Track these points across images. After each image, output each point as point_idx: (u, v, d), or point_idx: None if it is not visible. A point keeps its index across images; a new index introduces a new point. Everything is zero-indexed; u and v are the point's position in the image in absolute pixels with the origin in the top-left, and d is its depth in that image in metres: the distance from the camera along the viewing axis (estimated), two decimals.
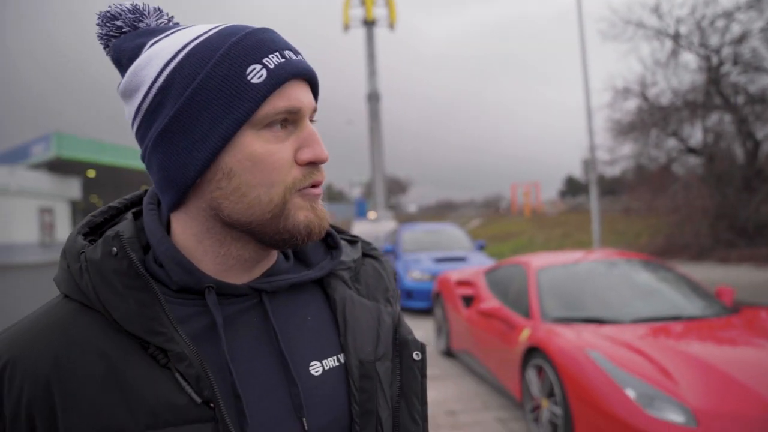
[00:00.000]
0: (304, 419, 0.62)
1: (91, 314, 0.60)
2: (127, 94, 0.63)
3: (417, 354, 0.73)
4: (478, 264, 8.82)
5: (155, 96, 0.60)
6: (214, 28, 0.63)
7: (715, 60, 11.94)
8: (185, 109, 0.59)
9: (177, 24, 0.69)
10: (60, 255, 0.64)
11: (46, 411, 0.55)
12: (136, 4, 0.67)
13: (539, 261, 5.09)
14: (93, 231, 0.67)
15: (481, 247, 10.95)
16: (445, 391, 4.93)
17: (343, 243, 0.78)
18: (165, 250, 0.63)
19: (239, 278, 0.66)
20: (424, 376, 0.73)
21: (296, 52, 0.63)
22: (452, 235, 11.37)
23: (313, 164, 0.62)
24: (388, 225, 17.06)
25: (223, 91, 0.58)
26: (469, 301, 5.69)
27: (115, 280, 0.59)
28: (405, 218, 40.77)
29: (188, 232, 0.65)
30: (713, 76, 11.86)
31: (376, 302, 0.75)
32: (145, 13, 0.67)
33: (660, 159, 13.39)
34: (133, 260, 0.59)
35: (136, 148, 0.66)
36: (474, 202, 53.96)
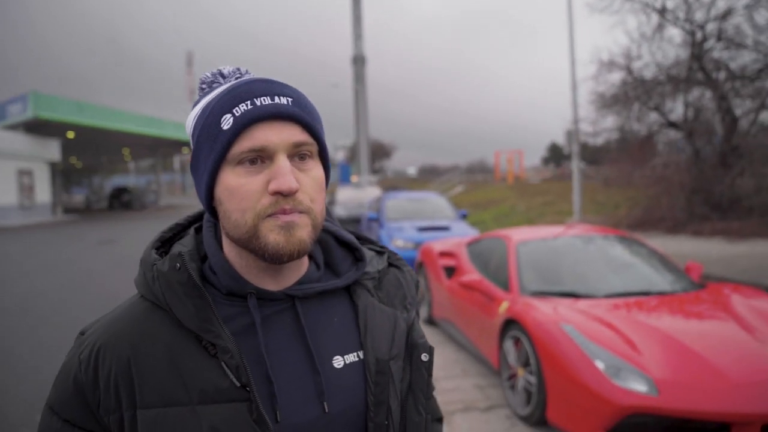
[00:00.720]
0: (325, 403, 0.76)
1: (160, 312, 0.76)
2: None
3: (425, 356, 0.85)
4: (460, 233, 9.01)
5: (191, 141, 0.81)
6: (227, 86, 0.79)
7: (699, 35, 12.04)
8: (194, 152, 0.79)
9: (246, 74, 0.85)
10: (139, 263, 0.81)
11: (128, 384, 0.72)
12: (222, 69, 0.83)
13: (520, 235, 5.27)
14: (164, 244, 0.84)
15: (464, 216, 11.13)
16: None
17: (371, 254, 0.91)
18: (216, 261, 0.80)
19: (276, 285, 0.80)
20: (430, 375, 0.86)
21: (279, 95, 0.75)
22: (435, 203, 11.51)
23: (280, 194, 0.72)
24: (373, 192, 17.14)
25: (207, 138, 0.75)
26: (450, 271, 5.87)
27: (178, 288, 0.75)
28: (390, 184, 40.82)
29: (229, 246, 0.80)
30: (697, 51, 11.98)
31: (394, 308, 0.87)
32: (225, 74, 0.83)
33: (641, 132, 13.59)
34: (191, 275, 0.74)
35: (117, 109, 0.84)
36: (458, 167, 54.02)
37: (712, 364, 3.17)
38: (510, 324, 4.05)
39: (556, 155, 60.80)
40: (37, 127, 25.00)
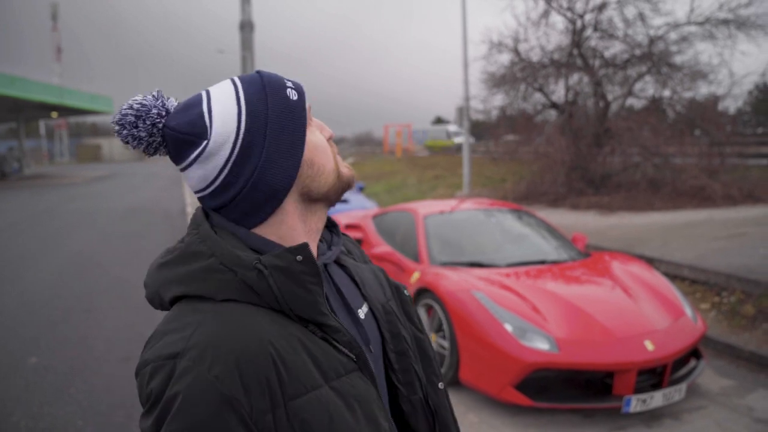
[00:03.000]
0: (370, 346, 0.90)
1: (263, 310, 0.77)
2: (213, 152, 0.81)
3: (405, 291, 1.06)
4: (359, 205, 9.19)
5: (244, 140, 0.80)
6: (229, 81, 0.86)
7: (579, 24, 13.02)
8: (272, 135, 0.82)
9: (170, 98, 0.87)
10: (209, 270, 0.78)
11: (277, 383, 0.72)
12: (141, 100, 0.83)
13: (426, 209, 5.53)
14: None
15: (361, 189, 11.32)
16: None
17: None
18: (270, 244, 0.83)
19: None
20: (414, 303, 1.10)
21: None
22: None
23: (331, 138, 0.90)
24: None
25: (284, 113, 0.82)
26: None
27: (306, 280, 0.78)
28: None
29: (288, 227, 0.85)
30: (576, 38, 12.98)
31: (366, 263, 1.06)
32: (157, 98, 0.84)
33: (527, 111, 14.54)
34: (315, 262, 0.79)
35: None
36: (346, 139, 54.09)
37: (600, 322, 3.63)
38: (422, 293, 4.30)
39: None
40: None
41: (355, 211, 7.84)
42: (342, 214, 7.08)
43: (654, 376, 3.63)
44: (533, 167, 13.73)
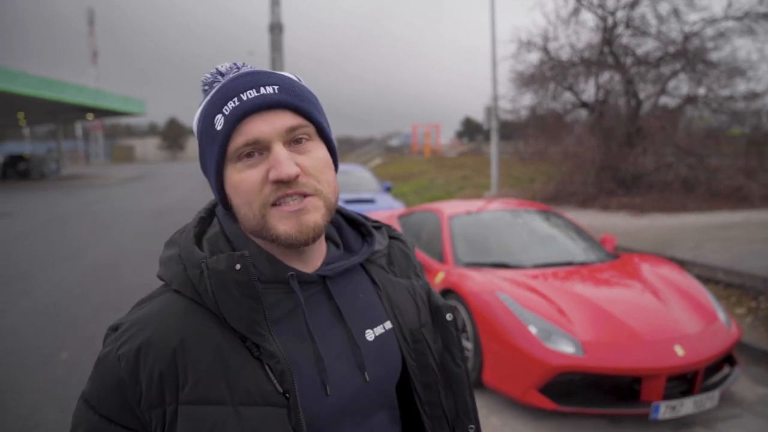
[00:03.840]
0: (365, 372, 0.81)
1: (202, 310, 0.75)
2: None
3: (449, 315, 0.94)
4: (385, 205, 9.18)
5: (199, 142, 0.84)
6: (218, 85, 0.82)
7: (610, 21, 12.79)
8: (200, 154, 0.83)
9: (243, 66, 0.86)
10: (170, 258, 0.80)
11: (173, 379, 0.72)
12: (219, 67, 0.84)
13: (451, 209, 5.48)
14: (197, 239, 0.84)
15: (388, 189, 11.31)
16: None
17: (373, 230, 0.95)
18: (254, 249, 0.80)
19: (306, 268, 0.82)
20: (458, 330, 0.94)
21: (265, 86, 0.76)
22: (360, 176, 11.60)
23: (281, 182, 0.74)
24: None
25: (207, 140, 0.79)
26: None
27: (234, 289, 0.73)
28: None
29: (253, 237, 0.83)
30: (607, 36, 12.74)
31: (409, 279, 0.95)
32: (223, 71, 0.83)
33: (556, 110, 14.34)
34: (251, 276, 0.74)
35: (9, 69, 0.86)
36: (374, 139, 54.20)
37: (628, 326, 3.53)
38: (446, 294, 4.25)
39: (470, 129, 62.43)
40: None
41: (381, 211, 7.83)
42: (369, 215, 7.06)
43: (684, 383, 3.51)
44: (562, 167, 13.52)
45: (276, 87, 0.77)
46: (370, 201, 9.72)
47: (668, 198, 10.85)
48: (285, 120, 0.76)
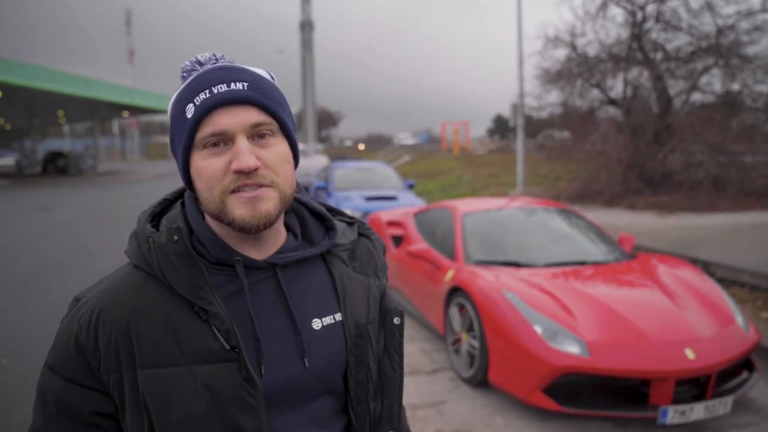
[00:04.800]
0: (305, 359, 0.85)
1: (154, 281, 0.83)
2: None
3: (397, 319, 0.97)
4: (407, 202, 9.18)
5: (170, 123, 0.88)
6: (192, 76, 0.86)
7: (639, 16, 12.47)
8: (170, 138, 0.88)
9: (221, 59, 0.90)
10: (131, 236, 0.87)
11: (127, 346, 0.79)
12: (199, 57, 0.89)
13: (465, 206, 5.45)
14: (155, 218, 0.91)
15: (410, 186, 11.30)
16: None
17: (342, 225, 1.00)
18: (204, 233, 0.86)
19: (258, 255, 0.87)
20: (401, 336, 0.98)
21: (235, 81, 0.81)
22: (383, 173, 11.62)
23: (241, 172, 0.79)
24: (320, 160, 17.06)
25: (177, 125, 0.84)
26: (398, 241, 6.02)
27: (174, 259, 0.81)
28: (336, 152, 40.58)
29: (210, 220, 0.88)
30: (636, 31, 12.43)
31: (367, 277, 0.97)
32: (202, 61, 0.88)
33: (583, 108, 14.07)
34: (188, 246, 0.81)
35: (50, 69, 0.90)
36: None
37: (637, 327, 3.46)
38: (455, 291, 4.24)
39: (501, 127, 61.86)
40: None
41: (402, 208, 7.84)
42: (387, 212, 7.08)
43: (697, 387, 3.42)
44: (589, 165, 13.28)
45: (246, 84, 0.82)
46: (393, 198, 9.73)
47: (698, 197, 10.55)
48: (250, 116, 0.81)
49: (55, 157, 35.98)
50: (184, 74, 0.88)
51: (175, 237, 0.81)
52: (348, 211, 8.54)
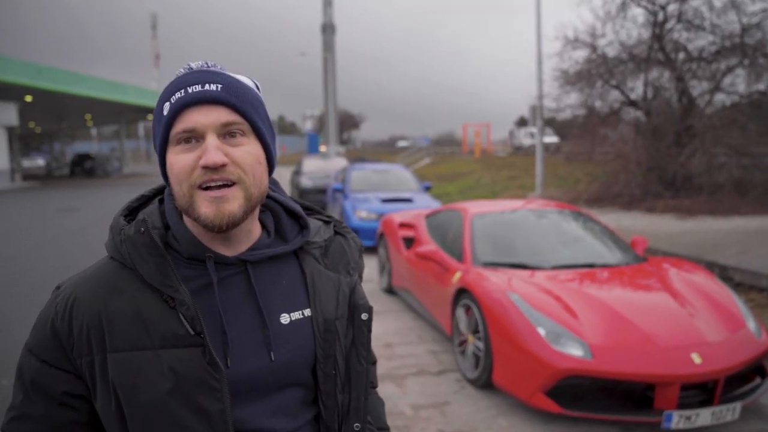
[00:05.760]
0: (271, 353, 0.88)
1: (127, 271, 0.88)
2: None
3: (365, 315, 0.99)
4: (422, 204, 9.19)
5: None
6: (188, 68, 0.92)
7: (661, 16, 12.28)
8: (152, 134, 0.91)
9: (212, 67, 0.94)
10: (109, 229, 0.93)
11: (98, 332, 0.84)
12: (191, 64, 0.93)
13: (476, 208, 5.43)
14: (131, 213, 0.96)
15: (427, 189, 11.29)
16: (385, 326, 5.34)
17: (318, 224, 1.04)
18: (177, 228, 0.90)
19: (230, 251, 0.91)
20: (369, 331, 1.00)
21: (210, 83, 0.85)
22: (399, 175, 11.63)
23: (208, 168, 0.83)
24: (339, 162, 17.13)
25: (156, 122, 0.89)
26: (410, 242, 6.04)
27: (142, 249, 0.87)
28: (358, 154, 40.71)
29: (185, 217, 0.91)
30: (658, 31, 12.24)
31: (338, 273, 1.00)
32: (194, 67, 0.92)
33: (603, 110, 13.89)
34: (153, 237, 0.87)
35: (78, 73, 0.96)
36: (426, 138, 53.99)
37: (643, 330, 3.42)
38: (462, 293, 4.24)
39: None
40: None
41: (416, 210, 7.85)
42: (399, 214, 7.10)
43: (704, 392, 3.37)
44: (608, 168, 13.11)
45: (219, 86, 0.86)
46: (408, 200, 9.75)
47: (719, 200, 10.34)
48: (221, 115, 0.85)
49: (82, 159, 36.86)
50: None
51: (142, 229, 0.87)
52: (363, 213, 8.62)
